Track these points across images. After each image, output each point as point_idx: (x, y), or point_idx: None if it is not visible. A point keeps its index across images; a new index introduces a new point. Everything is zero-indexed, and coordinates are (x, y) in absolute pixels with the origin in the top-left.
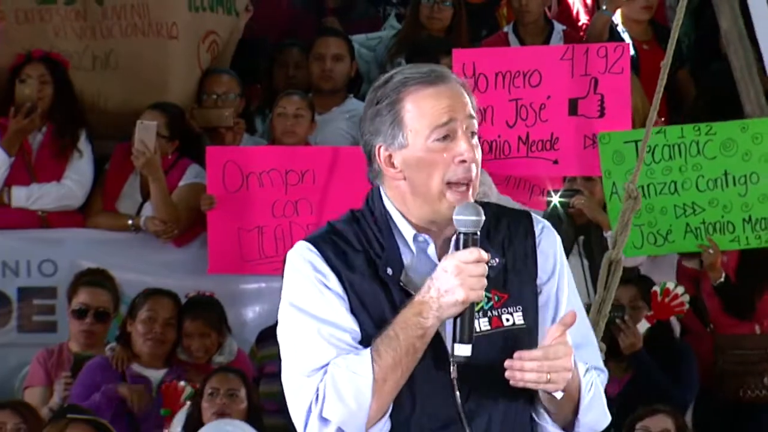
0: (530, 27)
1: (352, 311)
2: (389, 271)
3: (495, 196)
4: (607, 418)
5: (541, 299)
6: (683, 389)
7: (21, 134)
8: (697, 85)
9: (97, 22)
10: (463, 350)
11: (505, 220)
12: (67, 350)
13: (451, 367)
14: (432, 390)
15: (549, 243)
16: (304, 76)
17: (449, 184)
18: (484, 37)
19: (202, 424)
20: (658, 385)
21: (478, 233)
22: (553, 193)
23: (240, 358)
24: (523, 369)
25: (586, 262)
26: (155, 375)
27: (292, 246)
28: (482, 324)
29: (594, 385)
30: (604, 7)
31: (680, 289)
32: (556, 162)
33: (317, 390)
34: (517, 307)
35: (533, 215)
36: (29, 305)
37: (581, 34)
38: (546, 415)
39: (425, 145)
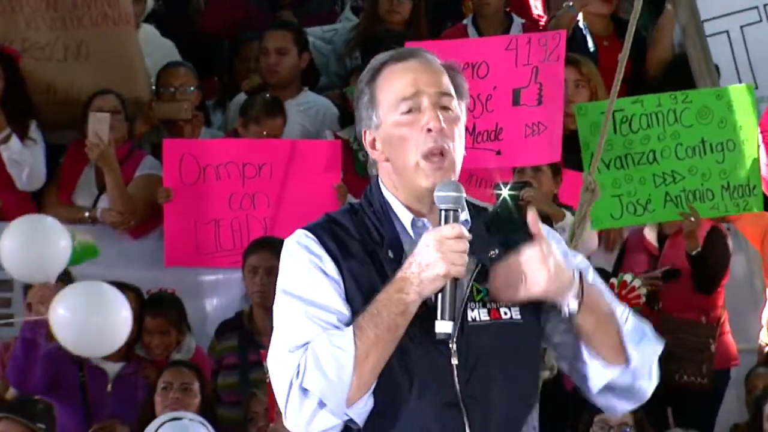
0: (490, 19)
1: (348, 295)
2: (390, 254)
3: None
4: (658, 352)
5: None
6: None
7: None
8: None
9: (67, 12)
10: (445, 327)
11: (495, 216)
12: None
13: (452, 353)
14: (432, 374)
15: (557, 239)
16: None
17: (423, 156)
18: (449, 27)
19: (154, 417)
20: None
21: (460, 210)
22: (502, 186)
23: (198, 355)
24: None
25: None
26: (113, 368)
27: (249, 239)
28: (482, 314)
29: (630, 314)
30: (570, 3)
31: (637, 282)
32: (499, 153)
33: (299, 364)
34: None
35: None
36: None
37: (540, 27)
38: (596, 356)
39: (394, 119)
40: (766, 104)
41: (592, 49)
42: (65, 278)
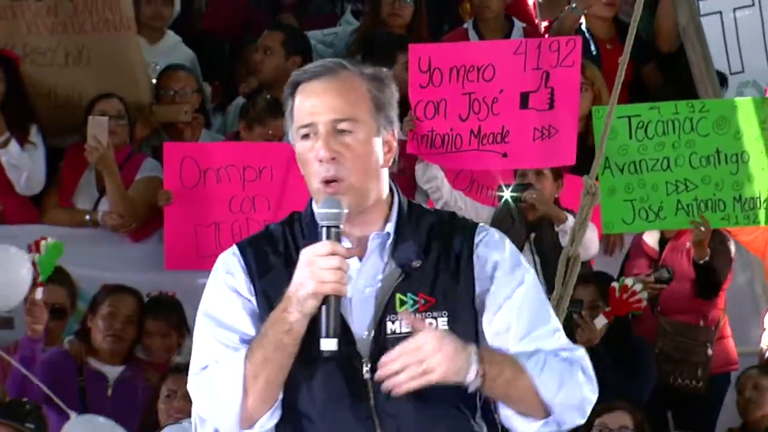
0: (490, 23)
1: (260, 314)
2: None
3: (447, 191)
4: (588, 391)
5: (479, 305)
6: (639, 384)
7: None
8: (663, 74)
9: (68, 17)
10: (328, 344)
11: (444, 227)
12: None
13: (364, 367)
14: (346, 389)
15: (489, 250)
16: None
17: (320, 182)
18: (446, 32)
19: (157, 426)
20: (615, 381)
21: (341, 227)
22: (504, 188)
23: None
24: (390, 372)
25: (537, 258)
26: (113, 371)
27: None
28: (403, 326)
29: (546, 362)
30: (573, 5)
31: (638, 286)
32: (505, 155)
33: (197, 389)
34: (443, 313)
35: (482, 226)
36: None
37: (543, 32)
38: (517, 413)
39: (298, 143)
40: (750, 88)
41: (594, 53)
42: (64, 279)
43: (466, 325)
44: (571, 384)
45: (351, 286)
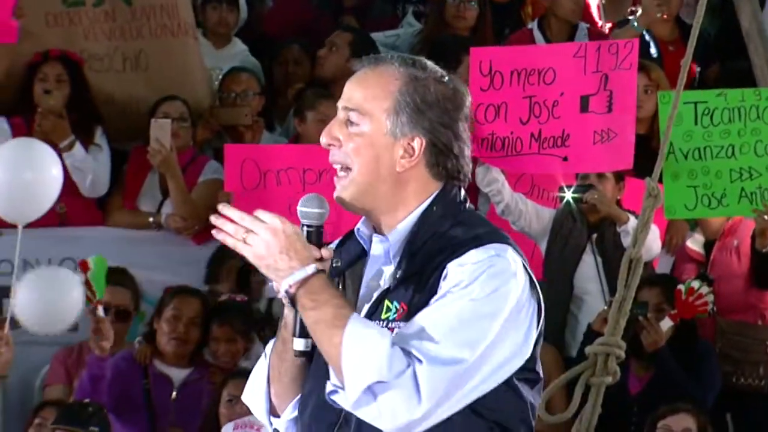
0: (556, 24)
1: None
2: (335, 263)
3: (507, 194)
4: (396, 389)
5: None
6: (704, 388)
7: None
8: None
9: (126, 23)
10: (297, 344)
11: (443, 240)
12: (87, 349)
13: None
14: (323, 390)
15: (464, 264)
16: (303, 73)
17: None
18: (507, 36)
19: (218, 427)
20: (680, 383)
21: (322, 228)
22: (566, 189)
23: None
24: (225, 218)
25: (599, 260)
26: (178, 374)
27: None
28: None
29: (357, 335)
30: (635, 23)
31: (705, 289)
32: (565, 159)
33: None
34: (403, 324)
35: (486, 245)
36: None
37: (607, 32)
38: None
39: None
40: None
41: (655, 55)
42: (127, 282)
43: None
44: (365, 361)
45: (363, 284)
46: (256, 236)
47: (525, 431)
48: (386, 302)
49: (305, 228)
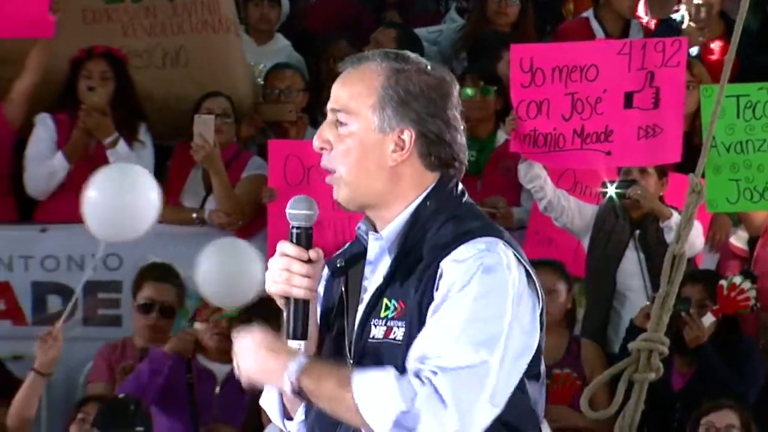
0: (610, 16)
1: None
2: (338, 263)
3: (550, 190)
4: (425, 413)
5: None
6: (747, 383)
7: (85, 141)
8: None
9: (167, 18)
10: (293, 346)
11: (436, 236)
12: (131, 345)
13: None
14: None
15: (457, 261)
16: None
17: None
18: (549, 32)
19: (261, 427)
20: (722, 379)
21: (311, 229)
22: (609, 184)
23: None
24: None
25: (642, 256)
26: (221, 369)
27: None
28: (378, 332)
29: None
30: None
31: (747, 284)
32: (609, 153)
33: None
34: (401, 323)
35: (476, 239)
36: (94, 299)
37: (652, 28)
38: None
39: None
40: None
41: (694, 53)
42: (172, 278)
43: (413, 336)
44: (389, 396)
45: (367, 282)
46: (242, 357)
47: (532, 429)
48: (384, 300)
49: (294, 230)
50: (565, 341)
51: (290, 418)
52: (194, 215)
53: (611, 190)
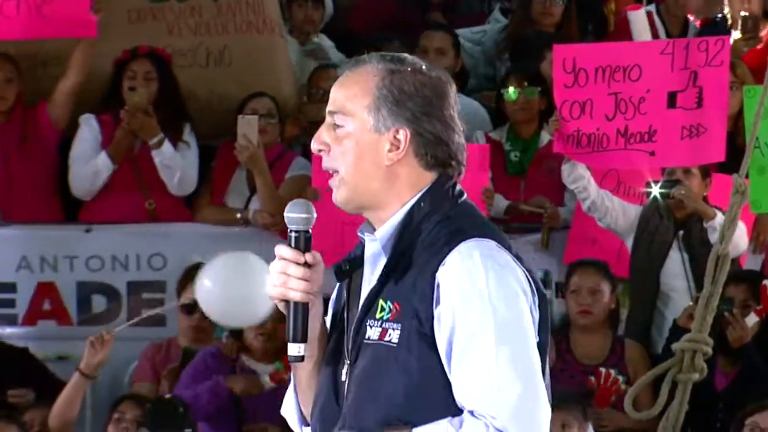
0: (670, 14)
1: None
2: (343, 267)
3: (594, 191)
4: None
5: (437, 326)
6: None
7: (129, 141)
8: None
9: (212, 18)
10: (293, 349)
11: (430, 236)
12: (176, 345)
13: (342, 370)
14: (329, 391)
15: (450, 273)
16: None
17: None
18: (591, 32)
19: None
20: (766, 379)
21: (310, 231)
22: (653, 184)
23: None
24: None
25: (686, 256)
26: (265, 369)
27: None
28: (374, 333)
29: None
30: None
31: None
32: (652, 154)
33: None
34: (397, 325)
35: (468, 240)
36: (138, 299)
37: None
38: None
39: None
40: None
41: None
42: None
43: (410, 340)
44: None
45: (365, 283)
46: None
47: None
48: (380, 301)
49: (292, 233)
50: (608, 342)
51: (308, 425)
52: (238, 215)
53: (655, 191)
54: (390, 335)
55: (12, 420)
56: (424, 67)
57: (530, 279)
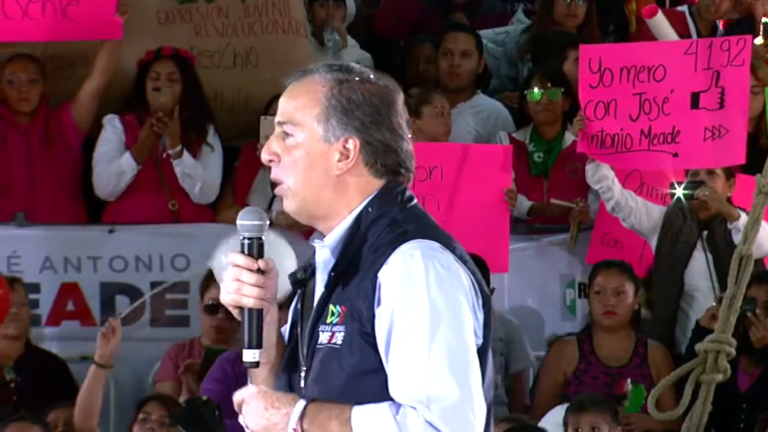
0: (703, 15)
1: None
2: (299, 275)
3: (617, 191)
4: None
5: (377, 324)
6: None
7: (153, 142)
8: None
9: (238, 19)
10: (248, 356)
11: (378, 240)
12: (199, 345)
13: (300, 376)
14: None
15: (391, 272)
16: (435, 71)
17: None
18: (613, 32)
19: None
20: None
21: (263, 238)
22: (676, 185)
23: None
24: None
25: (710, 257)
26: None
27: None
28: (324, 337)
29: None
30: None
31: None
32: (676, 155)
33: None
34: (342, 328)
35: (412, 245)
36: (162, 300)
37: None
38: None
39: None
40: None
41: None
42: None
43: (351, 341)
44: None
45: (317, 290)
46: (246, 415)
47: None
48: (330, 306)
49: (245, 240)
50: (631, 343)
51: None
52: None
53: (679, 191)
54: (336, 338)
55: (36, 420)
56: (372, 76)
57: (474, 281)
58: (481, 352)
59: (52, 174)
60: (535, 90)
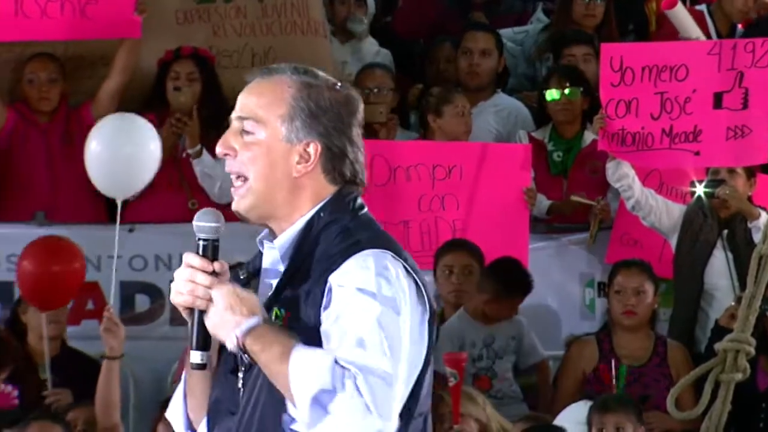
0: (720, 14)
1: None
2: (242, 275)
3: (638, 189)
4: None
5: (324, 323)
6: None
7: (172, 141)
8: None
9: (256, 19)
10: (194, 357)
11: (329, 246)
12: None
13: (239, 375)
14: (226, 399)
15: (344, 277)
16: (455, 71)
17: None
18: (632, 31)
19: None
20: None
21: (219, 240)
22: (697, 184)
23: None
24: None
25: (730, 256)
26: None
27: (437, 241)
28: None
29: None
30: None
31: None
32: (697, 153)
33: None
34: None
35: (363, 250)
36: None
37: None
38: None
39: None
40: None
41: None
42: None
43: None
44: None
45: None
46: (211, 309)
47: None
48: (274, 309)
49: (201, 242)
50: (651, 342)
51: (194, 430)
52: None
53: (699, 190)
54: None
55: (56, 420)
56: (338, 85)
57: (424, 293)
58: (424, 364)
59: (72, 173)
60: (554, 89)
